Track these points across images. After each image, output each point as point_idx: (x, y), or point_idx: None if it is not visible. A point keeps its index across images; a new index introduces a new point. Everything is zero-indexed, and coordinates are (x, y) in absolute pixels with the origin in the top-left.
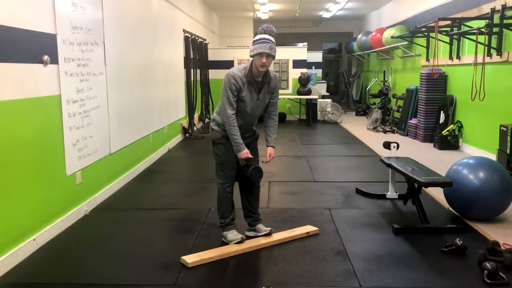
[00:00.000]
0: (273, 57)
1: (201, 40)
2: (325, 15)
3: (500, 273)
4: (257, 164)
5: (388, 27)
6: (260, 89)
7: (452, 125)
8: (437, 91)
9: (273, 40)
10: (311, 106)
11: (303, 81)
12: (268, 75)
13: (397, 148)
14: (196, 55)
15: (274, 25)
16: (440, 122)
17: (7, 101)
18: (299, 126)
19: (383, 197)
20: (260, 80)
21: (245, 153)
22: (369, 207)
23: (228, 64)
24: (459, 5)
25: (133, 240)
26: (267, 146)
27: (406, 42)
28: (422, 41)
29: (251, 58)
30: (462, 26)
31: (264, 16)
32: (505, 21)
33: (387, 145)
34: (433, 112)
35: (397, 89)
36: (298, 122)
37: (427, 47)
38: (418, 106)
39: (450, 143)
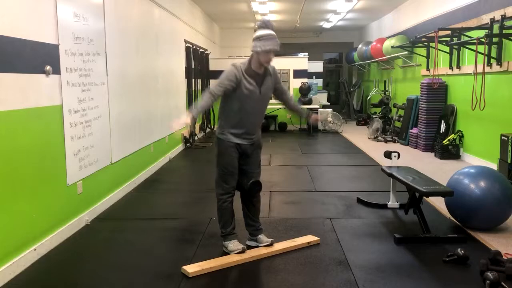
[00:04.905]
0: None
1: (202, 50)
2: (326, 25)
3: (502, 283)
4: (258, 176)
5: (388, 37)
6: (261, 82)
7: (453, 134)
8: (437, 101)
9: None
10: None
11: (304, 91)
12: (267, 68)
13: (398, 157)
14: (198, 65)
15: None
16: (441, 131)
17: (10, 111)
18: (300, 135)
19: (384, 206)
20: (261, 73)
21: (187, 118)
22: (370, 216)
23: None
24: (458, 15)
25: (134, 250)
26: (308, 115)
27: (406, 52)
28: (422, 51)
29: (251, 53)
30: (462, 36)
31: None
32: (504, 31)
33: (388, 155)
34: (434, 121)
35: (398, 99)
36: (299, 132)
37: (427, 57)
38: (419, 115)
39: (451, 152)
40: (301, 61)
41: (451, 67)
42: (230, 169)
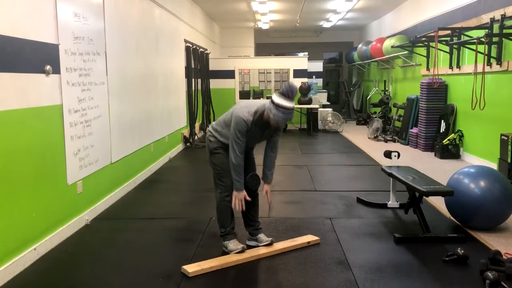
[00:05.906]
0: None
1: (202, 49)
2: (326, 25)
3: (502, 283)
4: (254, 172)
5: (388, 37)
6: (265, 129)
7: (453, 134)
8: (437, 101)
9: (294, 103)
10: (312, 115)
11: (304, 91)
12: None
13: (398, 157)
14: (197, 64)
15: (275, 35)
16: (441, 131)
17: (10, 111)
18: (300, 135)
19: (384, 206)
20: (267, 123)
21: (244, 194)
22: (370, 216)
23: (229, 74)
24: (458, 15)
25: (133, 249)
26: (265, 183)
27: (406, 52)
28: (422, 50)
29: (266, 102)
30: (462, 35)
31: (265, 26)
32: (504, 31)
33: (388, 154)
34: (434, 121)
35: (398, 99)
36: (299, 132)
37: (427, 57)
38: (419, 115)
39: (451, 152)
40: (301, 61)
41: (451, 67)
42: (224, 167)
